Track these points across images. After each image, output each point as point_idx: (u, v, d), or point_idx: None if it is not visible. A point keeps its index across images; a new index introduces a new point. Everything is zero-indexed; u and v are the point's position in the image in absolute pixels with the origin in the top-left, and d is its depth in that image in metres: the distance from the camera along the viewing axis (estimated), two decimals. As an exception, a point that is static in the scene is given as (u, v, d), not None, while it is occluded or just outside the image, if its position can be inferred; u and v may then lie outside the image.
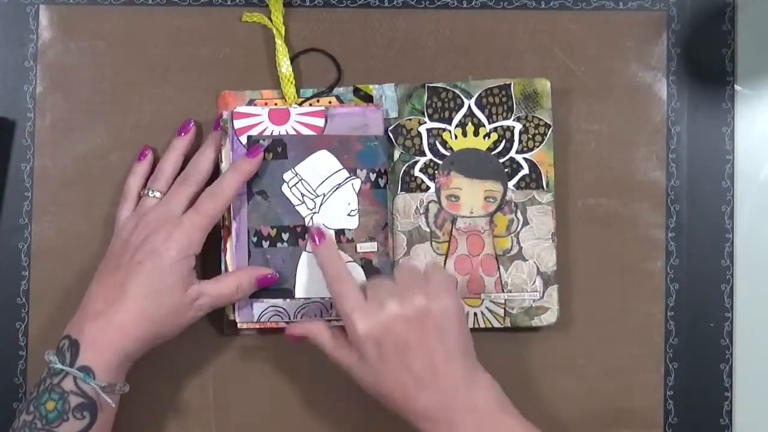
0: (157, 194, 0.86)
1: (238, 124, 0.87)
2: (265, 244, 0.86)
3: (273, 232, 0.87)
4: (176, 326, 0.82)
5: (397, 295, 0.77)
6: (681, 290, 0.91)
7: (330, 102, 0.90)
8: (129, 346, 0.79)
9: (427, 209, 0.89)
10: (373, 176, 0.87)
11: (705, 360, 0.91)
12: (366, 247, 0.87)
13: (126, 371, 0.81)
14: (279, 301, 0.87)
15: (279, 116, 0.88)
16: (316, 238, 0.82)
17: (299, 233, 0.87)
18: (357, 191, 0.87)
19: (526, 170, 0.89)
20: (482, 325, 0.89)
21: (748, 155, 0.92)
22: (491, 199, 0.89)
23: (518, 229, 0.89)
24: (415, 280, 0.79)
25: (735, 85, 0.92)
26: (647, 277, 0.91)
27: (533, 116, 0.89)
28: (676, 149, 0.92)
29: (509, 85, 0.90)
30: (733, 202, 0.92)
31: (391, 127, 0.89)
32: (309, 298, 0.86)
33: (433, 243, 0.89)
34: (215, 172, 0.87)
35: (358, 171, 0.87)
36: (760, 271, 0.91)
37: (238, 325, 0.87)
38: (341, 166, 0.87)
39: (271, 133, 0.87)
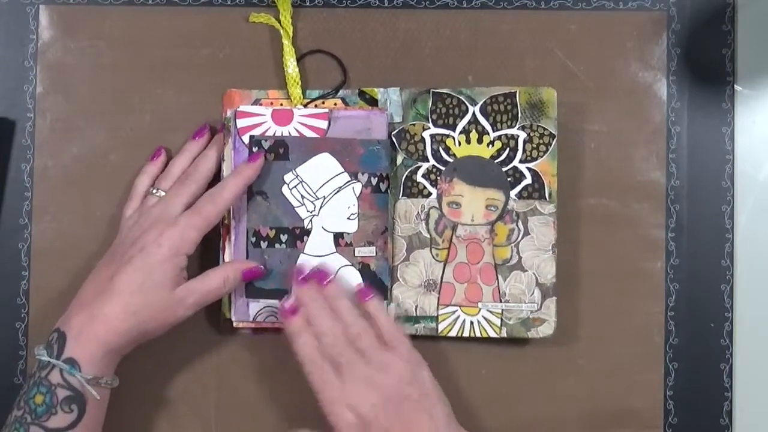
0: (161, 193, 0.86)
1: (240, 123, 0.87)
2: (264, 244, 0.86)
3: (272, 233, 0.86)
4: (164, 324, 0.81)
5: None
6: (681, 290, 0.91)
7: (335, 104, 0.90)
8: (114, 339, 0.79)
9: (428, 215, 0.89)
10: (374, 180, 0.87)
11: (705, 360, 0.91)
12: (364, 251, 0.87)
13: (114, 365, 0.81)
14: (275, 302, 0.86)
15: (282, 117, 0.87)
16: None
17: (298, 235, 0.86)
18: (357, 195, 0.87)
19: (528, 180, 0.89)
20: (478, 334, 0.88)
21: (748, 155, 0.92)
22: (493, 208, 0.89)
23: (518, 239, 0.89)
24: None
25: (735, 85, 0.92)
26: (647, 277, 0.91)
27: (538, 125, 0.89)
28: (676, 149, 0.91)
29: (515, 93, 0.89)
30: (733, 202, 0.92)
31: (394, 132, 0.89)
32: None
33: (432, 249, 0.89)
34: (218, 173, 0.87)
35: (360, 175, 0.87)
36: (760, 271, 0.91)
37: (234, 324, 0.87)
38: (342, 169, 0.87)
39: (274, 133, 0.87)
